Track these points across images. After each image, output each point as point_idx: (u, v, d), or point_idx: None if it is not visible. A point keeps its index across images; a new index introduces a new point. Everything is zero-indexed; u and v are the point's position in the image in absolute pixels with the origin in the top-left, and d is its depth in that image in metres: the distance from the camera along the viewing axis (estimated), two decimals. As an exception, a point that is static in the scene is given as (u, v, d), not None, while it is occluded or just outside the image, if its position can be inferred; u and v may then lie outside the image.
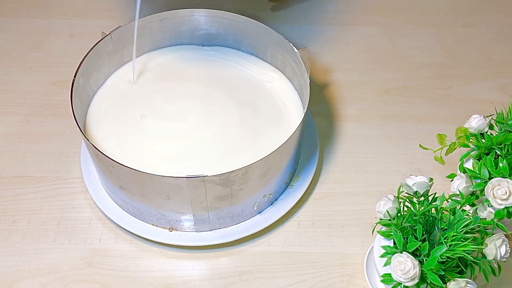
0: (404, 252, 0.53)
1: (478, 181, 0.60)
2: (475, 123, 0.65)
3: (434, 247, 0.52)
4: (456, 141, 0.66)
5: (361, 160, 0.77)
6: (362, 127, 0.81)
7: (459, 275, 0.53)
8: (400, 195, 0.59)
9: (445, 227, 0.54)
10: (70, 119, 0.62)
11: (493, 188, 0.57)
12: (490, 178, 0.59)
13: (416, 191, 0.57)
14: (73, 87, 0.65)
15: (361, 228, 0.70)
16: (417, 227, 0.54)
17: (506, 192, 0.56)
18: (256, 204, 0.67)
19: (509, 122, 0.64)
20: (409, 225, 0.55)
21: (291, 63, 0.74)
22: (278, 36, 0.72)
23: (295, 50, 0.70)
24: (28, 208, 0.70)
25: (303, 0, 0.98)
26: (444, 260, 0.52)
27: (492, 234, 0.55)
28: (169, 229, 0.67)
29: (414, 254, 0.54)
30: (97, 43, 0.70)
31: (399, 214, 0.57)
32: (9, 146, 0.77)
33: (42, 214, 0.70)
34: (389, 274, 0.54)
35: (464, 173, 0.62)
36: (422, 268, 0.53)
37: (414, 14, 0.98)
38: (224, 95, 0.74)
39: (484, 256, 0.55)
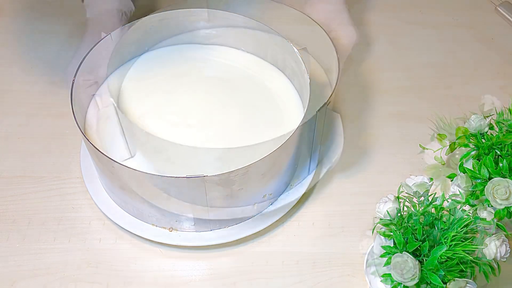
0: (404, 252, 0.53)
1: (478, 181, 0.60)
2: (475, 123, 0.65)
3: (434, 247, 0.52)
4: (456, 141, 0.66)
5: (361, 160, 0.77)
6: (362, 127, 0.81)
7: (459, 275, 0.53)
8: (400, 195, 0.59)
9: (445, 227, 0.54)
10: (70, 119, 0.62)
11: (493, 188, 0.57)
12: (490, 178, 0.59)
13: (416, 191, 0.57)
14: (73, 87, 0.65)
15: (361, 228, 0.70)
16: (417, 227, 0.54)
17: (506, 192, 0.56)
18: (256, 204, 0.67)
19: (509, 122, 0.64)
20: (409, 225, 0.55)
21: (291, 63, 0.73)
22: (278, 36, 0.72)
23: (295, 50, 0.70)
24: (28, 208, 0.70)
25: None
26: (444, 260, 0.52)
27: (492, 234, 0.55)
28: (169, 229, 0.67)
29: (414, 254, 0.54)
30: (97, 43, 0.70)
31: (399, 214, 0.57)
32: (9, 146, 0.77)
33: (42, 214, 0.70)
34: (389, 274, 0.54)
35: (464, 173, 0.62)
36: (422, 268, 0.53)
37: (414, 14, 0.98)
38: (224, 95, 0.74)
39: (484, 256, 0.55)
